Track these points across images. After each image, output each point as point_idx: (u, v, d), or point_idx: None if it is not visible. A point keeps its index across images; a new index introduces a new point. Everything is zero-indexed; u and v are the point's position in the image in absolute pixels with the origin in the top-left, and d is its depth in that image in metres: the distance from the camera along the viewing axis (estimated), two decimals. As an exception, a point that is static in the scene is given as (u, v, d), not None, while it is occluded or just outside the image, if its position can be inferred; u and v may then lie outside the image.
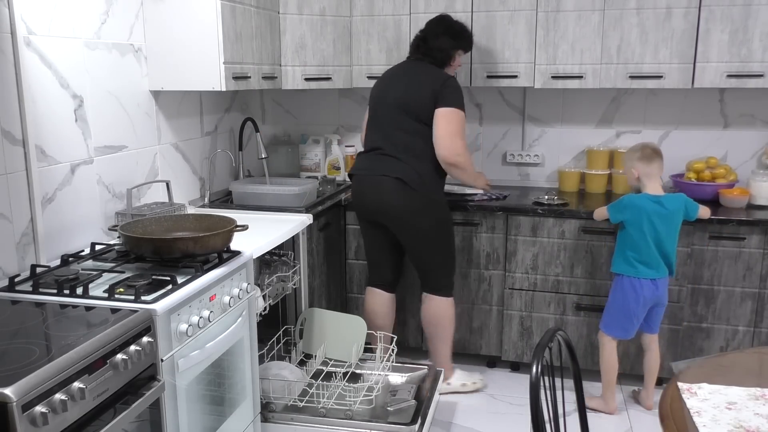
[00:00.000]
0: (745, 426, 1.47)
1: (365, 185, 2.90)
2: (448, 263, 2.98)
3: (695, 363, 1.88)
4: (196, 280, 1.93)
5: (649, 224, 2.69)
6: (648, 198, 2.72)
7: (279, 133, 3.93)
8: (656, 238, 2.70)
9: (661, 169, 2.77)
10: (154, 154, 2.74)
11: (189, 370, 1.88)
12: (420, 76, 2.85)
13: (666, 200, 2.72)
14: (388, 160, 2.82)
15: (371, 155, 2.90)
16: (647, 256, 2.71)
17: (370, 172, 2.87)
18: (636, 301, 2.74)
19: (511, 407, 2.99)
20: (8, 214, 1.99)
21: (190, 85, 2.64)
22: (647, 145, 2.80)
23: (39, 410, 1.32)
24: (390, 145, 2.84)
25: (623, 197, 2.76)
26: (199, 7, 2.55)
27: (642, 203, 2.71)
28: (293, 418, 2.43)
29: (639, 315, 2.78)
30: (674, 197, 2.75)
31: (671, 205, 2.71)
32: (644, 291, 2.73)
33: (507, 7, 3.15)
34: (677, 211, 2.73)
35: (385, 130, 2.87)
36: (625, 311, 2.77)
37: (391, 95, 2.86)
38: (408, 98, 2.81)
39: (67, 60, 2.21)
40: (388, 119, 2.86)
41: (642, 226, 2.70)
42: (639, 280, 2.73)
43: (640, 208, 2.70)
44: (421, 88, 2.80)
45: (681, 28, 2.99)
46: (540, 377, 1.41)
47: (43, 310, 1.74)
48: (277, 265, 2.74)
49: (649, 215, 2.69)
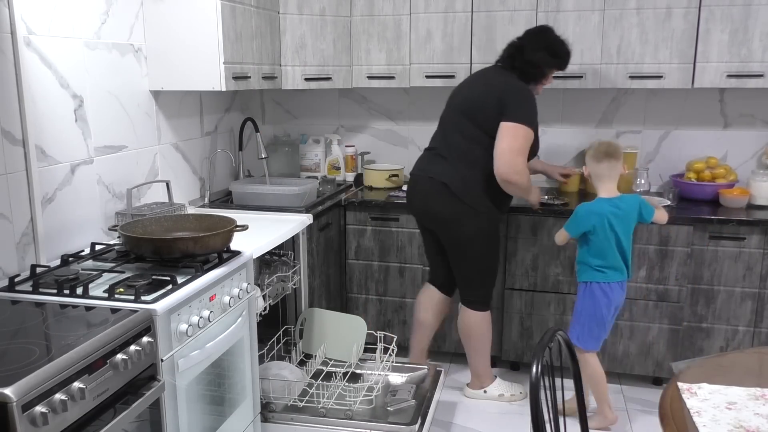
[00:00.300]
0: (745, 426, 1.47)
1: (415, 186, 2.88)
2: (485, 278, 2.89)
3: (695, 363, 1.88)
4: (196, 280, 1.93)
5: (609, 228, 2.59)
6: (604, 202, 2.62)
7: (279, 133, 3.93)
8: (617, 241, 2.61)
9: (614, 169, 2.62)
10: (154, 154, 2.74)
11: (189, 370, 1.88)
12: (493, 82, 2.76)
13: (620, 201, 2.62)
14: (439, 161, 2.79)
15: (427, 154, 2.89)
16: (613, 260, 2.62)
17: (422, 173, 2.84)
18: (608, 307, 2.65)
19: (511, 407, 2.99)
20: (8, 214, 1.99)
21: (190, 85, 2.64)
22: (602, 143, 2.68)
23: (39, 410, 1.32)
24: (445, 147, 2.80)
25: (577, 209, 2.67)
26: (199, 7, 2.55)
27: (599, 208, 2.61)
28: (293, 418, 2.43)
29: (610, 321, 2.70)
30: (629, 198, 2.65)
31: (626, 206, 2.61)
32: (615, 295, 2.65)
33: (507, 7, 3.15)
34: (632, 211, 2.62)
35: (444, 130, 2.84)
36: (598, 319, 2.66)
37: (459, 96, 2.82)
38: (472, 102, 2.75)
39: (67, 60, 2.21)
40: (449, 120, 2.82)
41: (605, 231, 2.59)
42: (609, 284, 2.63)
43: (599, 213, 2.60)
44: (488, 94, 2.71)
45: (681, 28, 2.99)
46: (540, 377, 1.41)
47: (43, 310, 1.74)
48: (277, 265, 2.74)
49: (608, 218, 2.59)
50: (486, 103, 2.70)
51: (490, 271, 2.90)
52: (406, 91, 3.68)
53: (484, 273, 2.89)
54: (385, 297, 3.38)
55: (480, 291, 2.91)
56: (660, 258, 2.97)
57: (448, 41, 3.24)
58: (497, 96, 2.67)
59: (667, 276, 2.98)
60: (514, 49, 2.77)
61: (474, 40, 3.21)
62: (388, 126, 3.78)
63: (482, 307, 2.92)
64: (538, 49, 2.72)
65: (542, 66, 2.75)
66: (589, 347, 2.71)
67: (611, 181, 2.64)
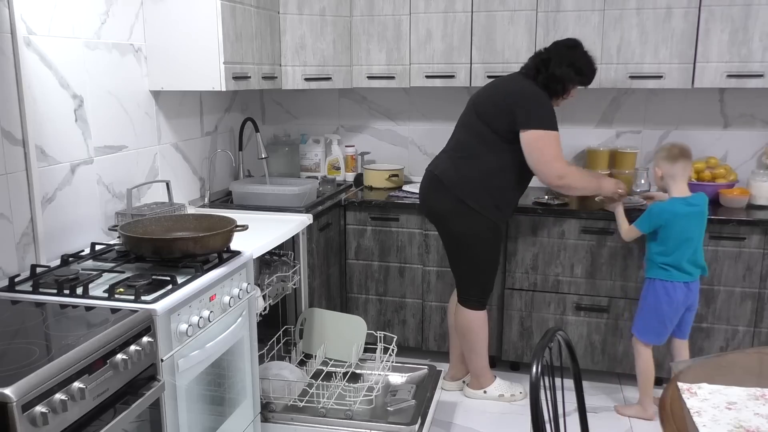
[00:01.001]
0: (745, 426, 1.47)
1: (421, 184, 2.93)
2: (479, 277, 2.88)
3: (695, 363, 1.88)
4: (196, 280, 1.93)
5: (681, 227, 2.65)
6: (678, 201, 2.67)
7: (279, 133, 3.93)
8: (689, 241, 2.66)
9: (688, 169, 2.70)
10: (154, 154, 2.74)
11: (189, 370, 1.88)
12: (510, 86, 2.74)
13: (694, 199, 2.68)
14: (442, 155, 2.86)
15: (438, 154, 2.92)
16: (679, 260, 2.66)
17: (429, 167, 2.89)
18: (669, 305, 2.69)
19: (511, 407, 2.99)
20: (8, 214, 1.99)
21: (190, 85, 2.64)
22: (675, 145, 2.73)
23: (39, 410, 1.32)
24: (451, 144, 2.85)
25: (651, 207, 2.71)
26: (199, 7, 2.55)
27: (674, 208, 2.66)
28: (293, 418, 2.43)
29: (673, 319, 2.73)
30: (700, 196, 2.71)
31: (700, 203, 2.68)
32: (677, 295, 2.68)
33: (507, 7, 3.15)
34: (705, 208, 2.70)
35: (456, 130, 2.87)
36: (659, 315, 2.72)
37: (476, 98, 2.82)
38: (486, 102, 2.74)
39: (67, 60, 2.21)
40: (462, 120, 2.85)
41: (675, 229, 2.65)
42: (672, 283, 2.68)
43: (673, 213, 2.65)
44: (503, 96, 2.70)
45: (681, 28, 2.99)
46: (540, 377, 1.41)
47: (43, 310, 1.74)
48: (277, 265, 2.74)
49: (682, 218, 2.64)
50: (498, 104, 2.70)
51: (485, 271, 2.88)
52: (406, 91, 3.68)
53: (479, 272, 2.87)
54: (385, 297, 3.38)
55: (474, 290, 2.89)
56: (660, 258, 2.97)
57: (448, 41, 3.24)
58: (510, 100, 2.67)
59: (667, 276, 2.98)
60: (540, 61, 2.72)
61: (474, 40, 3.21)
62: (388, 126, 3.78)
63: (477, 306, 2.90)
64: (564, 65, 2.68)
65: (566, 82, 2.71)
66: (647, 340, 2.78)
67: (684, 181, 2.70)
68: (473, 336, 2.93)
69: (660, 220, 2.67)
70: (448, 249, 2.90)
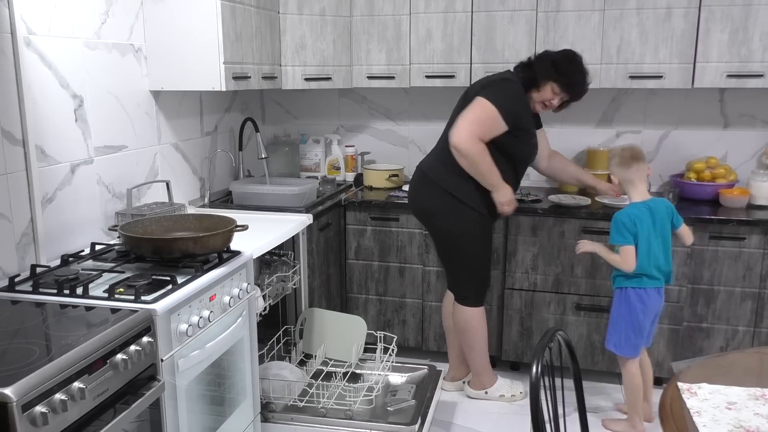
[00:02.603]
0: (745, 426, 1.47)
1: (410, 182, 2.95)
2: (472, 274, 2.88)
3: (695, 363, 1.88)
4: (196, 280, 1.93)
5: (647, 233, 2.54)
6: (640, 206, 2.56)
7: (279, 133, 3.93)
8: (651, 245, 2.55)
9: (643, 171, 2.59)
10: (154, 154, 2.74)
11: (189, 370, 1.88)
12: (489, 77, 2.80)
13: (653, 203, 2.58)
14: (430, 152, 2.88)
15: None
16: (647, 266, 2.56)
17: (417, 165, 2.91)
18: (644, 312, 2.59)
19: (511, 407, 2.99)
20: (8, 214, 1.99)
21: (190, 85, 2.64)
22: (626, 148, 2.64)
23: (39, 410, 1.32)
24: (440, 139, 2.85)
25: (617, 218, 2.57)
26: (199, 7, 2.55)
27: (639, 213, 2.55)
28: (293, 418, 2.43)
29: (647, 328, 2.64)
30: (660, 200, 2.62)
31: (660, 208, 2.58)
32: (651, 301, 2.59)
33: (507, 7, 3.15)
34: (666, 213, 2.59)
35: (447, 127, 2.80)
36: (635, 325, 2.60)
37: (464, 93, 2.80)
38: (466, 95, 2.75)
39: (67, 60, 2.21)
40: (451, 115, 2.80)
41: (641, 237, 2.54)
42: (645, 290, 2.58)
43: (639, 218, 2.54)
44: (479, 86, 2.74)
45: (681, 28, 2.99)
46: (540, 377, 1.41)
47: (43, 310, 1.74)
48: (277, 265, 2.74)
49: (647, 223, 2.54)
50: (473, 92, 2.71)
51: (479, 267, 2.88)
52: (406, 91, 3.68)
53: (473, 269, 2.87)
54: (385, 297, 3.38)
55: (468, 287, 2.89)
56: (660, 258, 2.97)
57: (448, 41, 3.24)
58: (482, 84, 2.75)
59: (667, 276, 2.98)
60: (529, 58, 2.80)
61: (474, 40, 3.21)
62: (388, 126, 3.78)
63: (474, 303, 2.89)
64: (548, 63, 2.70)
65: (541, 76, 2.69)
66: (626, 353, 2.66)
67: (642, 184, 2.61)
68: (472, 333, 2.93)
69: (634, 227, 2.54)
70: (441, 248, 2.89)
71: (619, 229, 2.56)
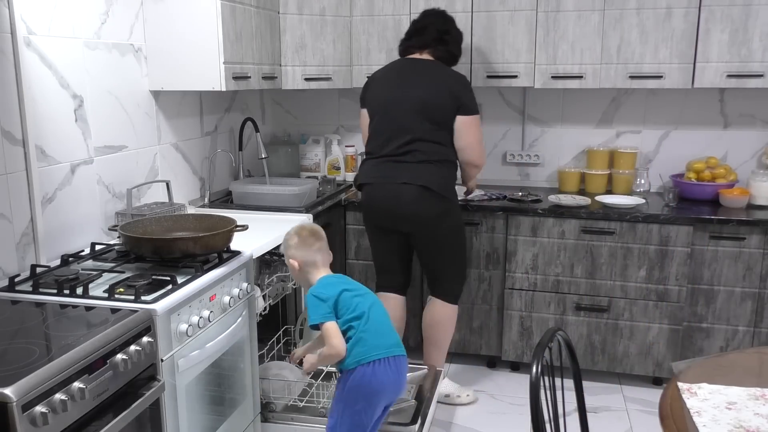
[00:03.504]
0: (745, 426, 1.47)
1: (382, 194, 2.74)
2: (461, 271, 2.95)
3: (695, 363, 1.88)
4: (196, 280, 1.93)
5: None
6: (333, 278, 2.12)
7: (279, 133, 3.93)
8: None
9: (325, 250, 2.15)
10: (154, 154, 2.74)
11: (189, 370, 1.88)
12: (436, 77, 2.73)
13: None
14: (408, 167, 2.69)
15: (384, 162, 2.74)
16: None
17: (388, 180, 2.71)
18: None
19: (511, 407, 2.99)
20: (8, 214, 1.99)
21: (190, 85, 2.64)
22: (302, 227, 2.17)
23: (39, 410, 1.32)
24: (409, 152, 2.69)
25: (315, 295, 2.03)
26: (199, 7, 2.55)
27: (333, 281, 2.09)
28: (293, 418, 2.43)
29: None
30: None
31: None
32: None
33: (507, 7, 3.15)
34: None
35: (401, 135, 2.70)
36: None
37: (406, 97, 2.71)
38: (428, 101, 2.68)
39: (67, 60, 2.21)
40: (405, 124, 2.70)
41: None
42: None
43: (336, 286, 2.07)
44: (441, 91, 2.69)
45: (681, 28, 2.99)
46: (540, 377, 1.41)
47: (43, 310, 1.74)
48: (277, 265, 2.74)
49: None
50: (444, 99, 2.69)
51: (466, 264, 3.01)
52: (406, 91, 3.68)
53: (463, 266, 2.98)
54: (385, 297, 3.37)
55: (460, 285, 2.97)
56: (660, 258, 2.97)
57: (448, 41, 3.23)
58: (450, 90, 2.70)
59: (667, 276, 2.98)
60: (440, 34, 2.82)
61: (474, 40, 3.21)
62: (388, 126, 3.77)
63: (456, 300, 2.95)
64: (453, 31, 2.87)
65: (458, 51, 2.90)
66: None
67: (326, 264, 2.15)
68: (449, 330, 2.97)
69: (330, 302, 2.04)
70: (438, 251, 2.85)
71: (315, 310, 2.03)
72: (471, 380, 3.23)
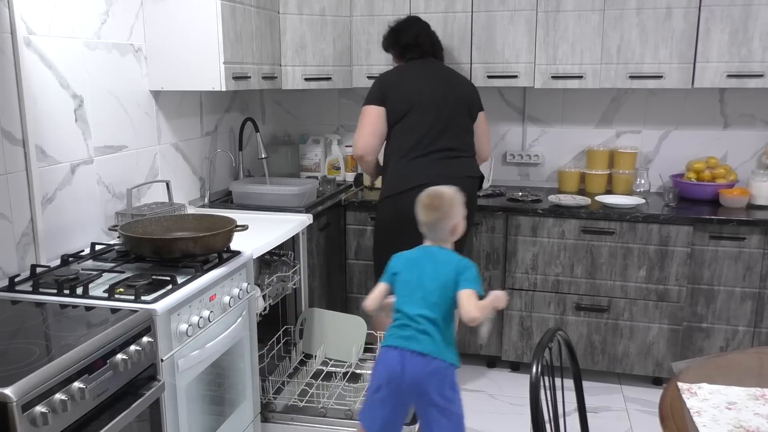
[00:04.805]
0: (745, 426, 1.47)
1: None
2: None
3: (695, 363, 1.88)
4: (196, 280, 1.93)
5: (405, 279, 2.01)
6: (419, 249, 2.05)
7: (279, 133, 3.93)
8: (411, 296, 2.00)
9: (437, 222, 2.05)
10: (154, 154, 2.74)
11: (189, 370, 1.88)
12: (458, 77, 2.92)
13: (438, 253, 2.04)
14: (463, 161, 2.80)
15: (439, 160, 2.72)
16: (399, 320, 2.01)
17: (451, 175, 2.60)
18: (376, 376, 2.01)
19: (511, 407, 2.99)
20: (8, 214, 1.99)
21: (190, 85, 2.64)
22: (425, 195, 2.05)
23: (39, 410, 1.32)
24: (459, 147, 2.79)
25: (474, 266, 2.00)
26: (199, 7, 2.55)
27: (411, 254, 2.05)
28: (293, 418, 2.43)
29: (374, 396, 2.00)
30: (448, 255, 2.04)
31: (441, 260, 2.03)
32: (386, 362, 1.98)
33: (507, 7, 3.15)
34: (444, 270, 1.99)
35: (451, 130, 2.77)
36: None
37: (450, 93, 2.80)
38: (468, 97, 2.87)
39: (67, 60, 2.21)
40: (453, 119, 2.78)
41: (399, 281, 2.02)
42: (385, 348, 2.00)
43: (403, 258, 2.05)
44: (469, 88, 2.92)
45: (681, 28, 2.99)
46: (540, 377, 1.41)
47: (43, 310, 1.74)
48: (277, 265, 2.74)
49: (411, 268, 2.02)
50: (474, 97, 2.90)
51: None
52: (406, 91, 3.68)
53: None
54: (385, 297, 3.37)
55: None
56: (660, 258, 2.97)
57: (448, 41, 3.24)
58: (474, 91, 2.93)
59: (667, 276, 2.98)
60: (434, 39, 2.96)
61: (474, 40, 3.21)
62: (388, 126, 3.77)
63: None
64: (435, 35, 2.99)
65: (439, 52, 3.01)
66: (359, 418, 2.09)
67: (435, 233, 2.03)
68: None
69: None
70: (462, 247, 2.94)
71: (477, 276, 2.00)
72: (471, 380, 3.23)
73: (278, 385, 2.57)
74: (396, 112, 2.76)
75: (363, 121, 2.80)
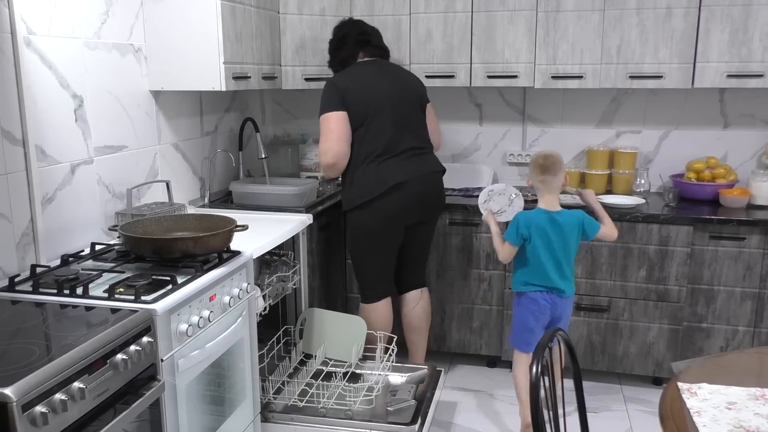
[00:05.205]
0: (745, 426, 1.47)
1: (421, 189, 2.81)
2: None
3: (695, 363, 1.88)
4: (196, 280, 1.93)
5: (540, 241, 2.56)
6: (541, 213, 2.58)
7: (279, 133, 3.93)
8: (543, 257, 2.57)
9: (551, 183, 2.56)
10: (154, 154, 2.74)
11: (189, 370, 1.88)
12: (406, 72, 3.01)
13: (559, 215, 2.57)
14: (429, 157, 2.89)
15: (409, 158, 2.79)
16: (538, 274, 2.59)
17: (423, 172, 2.81)
18: (534, 314, 2.63)
19: (512, 407, 2.99)
20: (8, 214, 1.99)
21: (190, 85, 2.64)
22: (540, 155, 2.61)
23: (39, 410, 1.32)
24: (423, 144, 2.87)
25: (517, 216, 2.62)
26: (199, 7, 2.55)
27: (534, 218, 2.57)
28: (293, 418, 2.43)
29: (538, 328, 2.64)
30: (569, 213, 2.59)
31: (564, 221, 2.57)
32: (543, 304, 2.62)
33: (507, 7, 3.15)
34: (571, 227, 2.57)
35: (413, 128, 2.83)
36: (525, 325, 2.65)
37: (405, 91, 2.86)
38: (419, 93, 2.92)
39: (67, 60, 2.21)
40: (413, 117, 2.85)
41: (534, 243, 2.57)
42: (534, 294, 2.62)
43: (531, 223, 2.56)
44: (418, 83, 2.97)
45: (681, 28, 2.99)
46: (540, 377, 1.41)
47: (43, 310, 1.74)
48: (277, 265, 2.74)
49: (541, 229, 2.55)
50: (422, 91, 2.96)
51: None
52: (406, 91, 3.68)
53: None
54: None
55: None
56: (660, 258, 2.97)
57: (448, 41, 3.24)
58: (420, 84, 2.98)
59: (667, 276, 2.98)
60: (381, 43, 2.99)
61: (474, 40, 3.21)
62: (388, 126, 3.77)
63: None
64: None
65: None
66: (519, 349, 2.72)
67: (548, 194, 2.58)
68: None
69: (526, 230, 2.57)
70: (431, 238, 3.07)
71: (514, 226, 2.61)
72: (471, 380, 3.23)
73: (278, 385, 2.57)
74: (358, 116, 2.73)
75: (328, 128, 2.74)
